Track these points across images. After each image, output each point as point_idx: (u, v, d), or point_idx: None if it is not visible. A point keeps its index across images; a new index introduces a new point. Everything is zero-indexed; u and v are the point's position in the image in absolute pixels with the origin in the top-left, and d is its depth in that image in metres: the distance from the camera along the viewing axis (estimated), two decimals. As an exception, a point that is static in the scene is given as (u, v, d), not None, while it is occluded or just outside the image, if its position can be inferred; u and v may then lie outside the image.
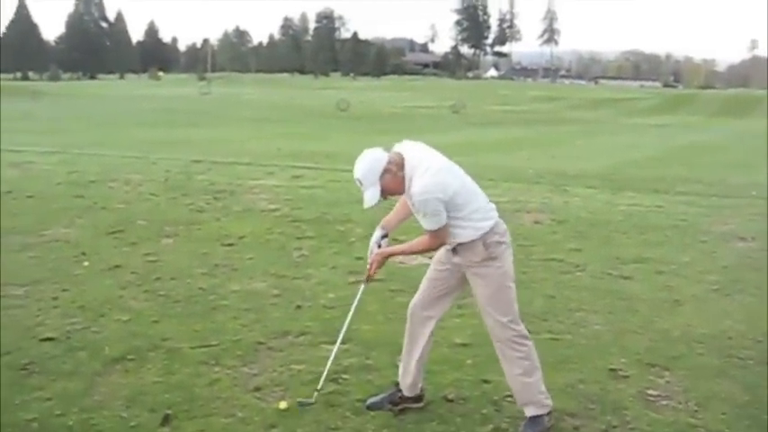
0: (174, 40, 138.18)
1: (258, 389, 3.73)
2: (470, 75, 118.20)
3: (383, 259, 3.38)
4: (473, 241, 3.18)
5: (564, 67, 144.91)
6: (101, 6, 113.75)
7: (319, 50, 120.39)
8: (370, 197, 3.13)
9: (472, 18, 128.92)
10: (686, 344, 4.53)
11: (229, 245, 6.74)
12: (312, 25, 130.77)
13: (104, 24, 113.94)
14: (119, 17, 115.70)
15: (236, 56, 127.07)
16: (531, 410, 3.31)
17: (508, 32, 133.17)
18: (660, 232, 7.82)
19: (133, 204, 8.54)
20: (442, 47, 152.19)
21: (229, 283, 5.56)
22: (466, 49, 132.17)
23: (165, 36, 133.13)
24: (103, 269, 5.84)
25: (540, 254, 6.68)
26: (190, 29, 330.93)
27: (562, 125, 33.89)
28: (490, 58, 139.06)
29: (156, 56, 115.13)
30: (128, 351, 4.15)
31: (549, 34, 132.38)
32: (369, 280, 3.49)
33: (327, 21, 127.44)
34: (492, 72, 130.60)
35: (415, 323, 3.46)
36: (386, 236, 3.42)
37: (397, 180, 3.14)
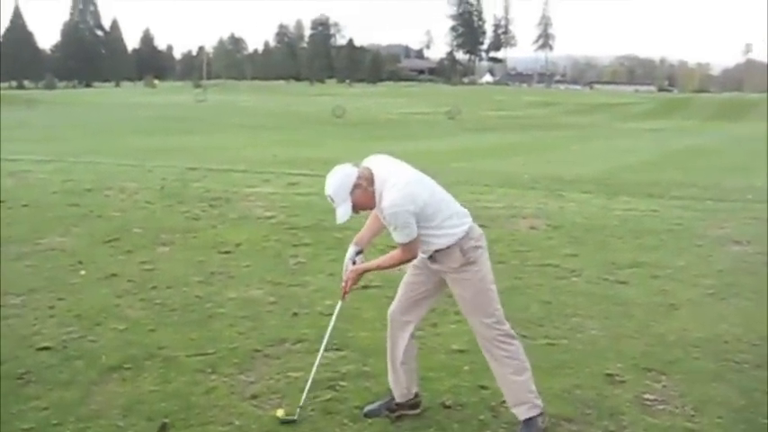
0: (170, 47, 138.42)
1: (255, 396, 3.73)
2: (466, 80, 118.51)
3: (358, 276, 3.42)
4: (450, 247, 3.21)
5: (559, 72, 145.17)
6: (96, 15, 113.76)
7: (315, 57, 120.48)
8: (342, 213, 3.18)
9: (467, 24, 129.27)
10: (682, 348, 4.54)
11: (226, 252, 6.74)
12: (307, 32, 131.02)
13: (100, 32, 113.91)
14: (114, 25, 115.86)
15: (231, 63, 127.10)
16: (523, 413, 3.33)
17: (503, 38, 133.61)
18: (655, 237, 7.83)
19: (129, 212, 8.51)
20: (437, 53, 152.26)
21: (226, 291, 5.55)
22: (461, 55, 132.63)
23: (161, 44, 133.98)
24: (99, 278, 5.83)
25: (536, 259, 6.69)
26: (185, 36, 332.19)
27: (557, 130, 34.03)
28: (485, 63, 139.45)
29: (152, 64, 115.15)
30: (124, 360, 4.15)
31: (544, 39, 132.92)
32: (344, 297, 3.51)
33: (323, 27, 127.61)
34: (487, 78, 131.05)
35: (395, 328, 3.49)
36: (360, 252, 3.45)
37: (368, 195, 3.19)
